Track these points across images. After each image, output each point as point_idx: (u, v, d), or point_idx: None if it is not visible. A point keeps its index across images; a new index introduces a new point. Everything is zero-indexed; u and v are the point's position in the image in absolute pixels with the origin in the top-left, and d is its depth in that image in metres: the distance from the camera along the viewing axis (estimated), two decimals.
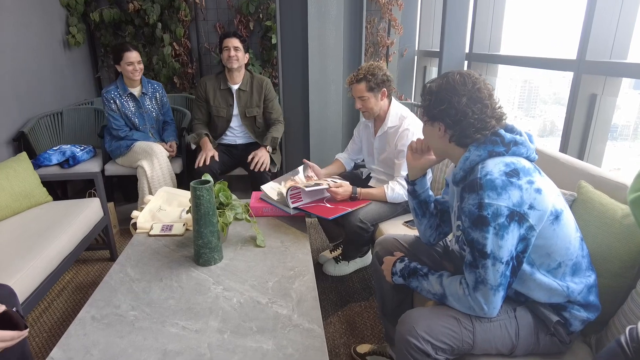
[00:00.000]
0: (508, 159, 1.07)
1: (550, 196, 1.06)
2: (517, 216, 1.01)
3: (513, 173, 1.03)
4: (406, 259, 1.31)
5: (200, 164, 2.54)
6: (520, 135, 1.12)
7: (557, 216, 1.06)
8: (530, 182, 1.03)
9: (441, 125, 1.14)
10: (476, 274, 1.06)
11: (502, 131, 1.10)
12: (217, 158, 2.60)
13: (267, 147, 2.64)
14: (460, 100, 1.08)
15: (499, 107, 1.12)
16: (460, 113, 1.09)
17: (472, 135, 1.10)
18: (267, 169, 2.57)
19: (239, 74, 2.68)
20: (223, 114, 2.72)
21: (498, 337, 1.11)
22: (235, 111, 2.73)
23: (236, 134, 2.80)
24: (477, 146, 1.10)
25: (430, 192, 1.42)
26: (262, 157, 2.57)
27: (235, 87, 2.69)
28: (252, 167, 2.55)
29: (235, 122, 2.76)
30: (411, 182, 1.39)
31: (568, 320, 1.11)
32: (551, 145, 2.18)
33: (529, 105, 2.94)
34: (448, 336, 1.10)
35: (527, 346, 1.13)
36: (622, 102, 2.17)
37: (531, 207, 1.02)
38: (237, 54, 2.58)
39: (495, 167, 1.05)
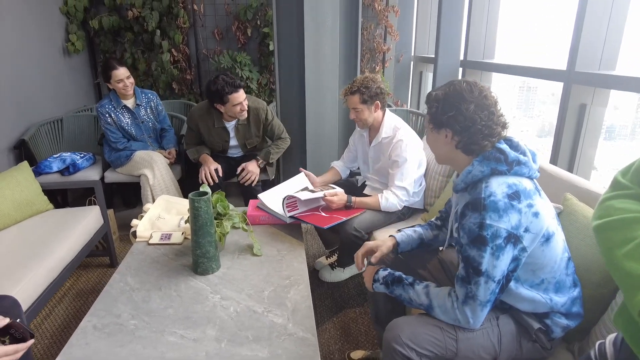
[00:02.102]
0: (510, 180, 1.09)
1: (546, 219, 1.09)
2: (513, 238, 1.05)
3: (515, 196, 1.06)
4: (389, 269, 1.33)
5: (205, 181, 2.49)
6: (524, 154, 1.13)
7: (547, 238, 1.10)
8: (530, 206, 1.06)
9: (448, 132, 1.16)
10: (467, 289, 1.10)
11: (506, 148, 1.11)
12: (220, 172, 2.55)
13: (260, 162, 2.63)
14: (469, 107, 1.10)
15: (502, 116, 1.15)
16: (469, 119, 1.11)
17: (479, 141, 1.12)
18: (254, 184, 2.56)
19: None
20: (219, 147, 2.71)
21: (481, 344, 1.16)
22: (233, 142, 2.71)
23: (234, 154, 2.81)
24: (480, 161, 1.12)
25: (416, 234, 1.48)
26: (251, 172, 2.56)
27: (231, 124, 2.63)
28: (239, 180, 2.56)
29: (232, 151, 2.78)
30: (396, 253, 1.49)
31: (549, 327, 1.16)
32: (548, 146, 2.23)
33: (527, 105, 2.97)
34: (432, 344, 1.14)
35: (509, 353, 1.17)
36: (620, 103, 2.21)
37: (527, 230, 1.06)
38: (245, 104, 2.49)
39: (498, 187, 1.07)
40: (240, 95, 2.43)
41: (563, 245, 1.16)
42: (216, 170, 2.55)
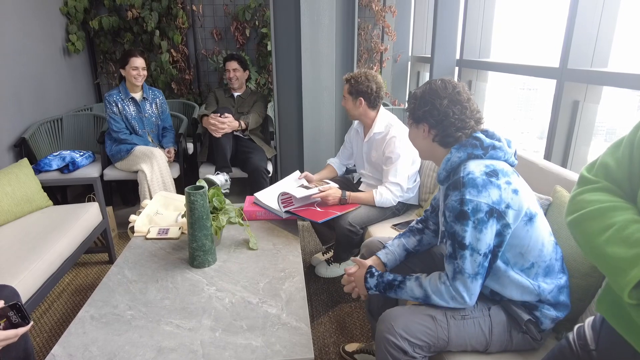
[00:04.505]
0: (488, 162, 1.16)
1: (526, 198, 1.14)
2: (495, 213, 1.09)
3: (492, 174, 1.12)
4: (375, 271, 1.32)
5: (219, 126, 2.85)
6: (499, 140, 1.21)
7: (530, 218, 1.14)
8: (508, 183, 1.12)
9: (425, 126, 1.25)
10: (455, 264, 1.14)
11: (481, 135, 1.20)
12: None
13: (240, 125, 3.00)
14: (442, 102, 1.19)
15: (478, 112, 1.23)
16: (442, 114, 1.20)
17: (453, 134, 1.20)
18: (219, 133, 2.85)
19: (240, 88, 3.24)
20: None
21: (472, 334, 1.18)
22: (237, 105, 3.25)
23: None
24: (457, 148, 1.20)
25: (400, 247, 1.48)
26: (227, 122, 2.88)
27: (236, 94, 3.26)
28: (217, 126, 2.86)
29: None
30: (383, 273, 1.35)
31: (539, 318, 1.18)
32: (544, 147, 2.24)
33: (528, 107, 2.99)
34: (424, 334, 1.16)
35: (500, 343, 1.19)
36: (621, 104, 2.22)
37: (508, 206, 1.11)
38: (236, 74, 3.15)
39: (476, 167, 1.14)
40: (230, 65, 3.12)
41: (548, 230, 1.19)
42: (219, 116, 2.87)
